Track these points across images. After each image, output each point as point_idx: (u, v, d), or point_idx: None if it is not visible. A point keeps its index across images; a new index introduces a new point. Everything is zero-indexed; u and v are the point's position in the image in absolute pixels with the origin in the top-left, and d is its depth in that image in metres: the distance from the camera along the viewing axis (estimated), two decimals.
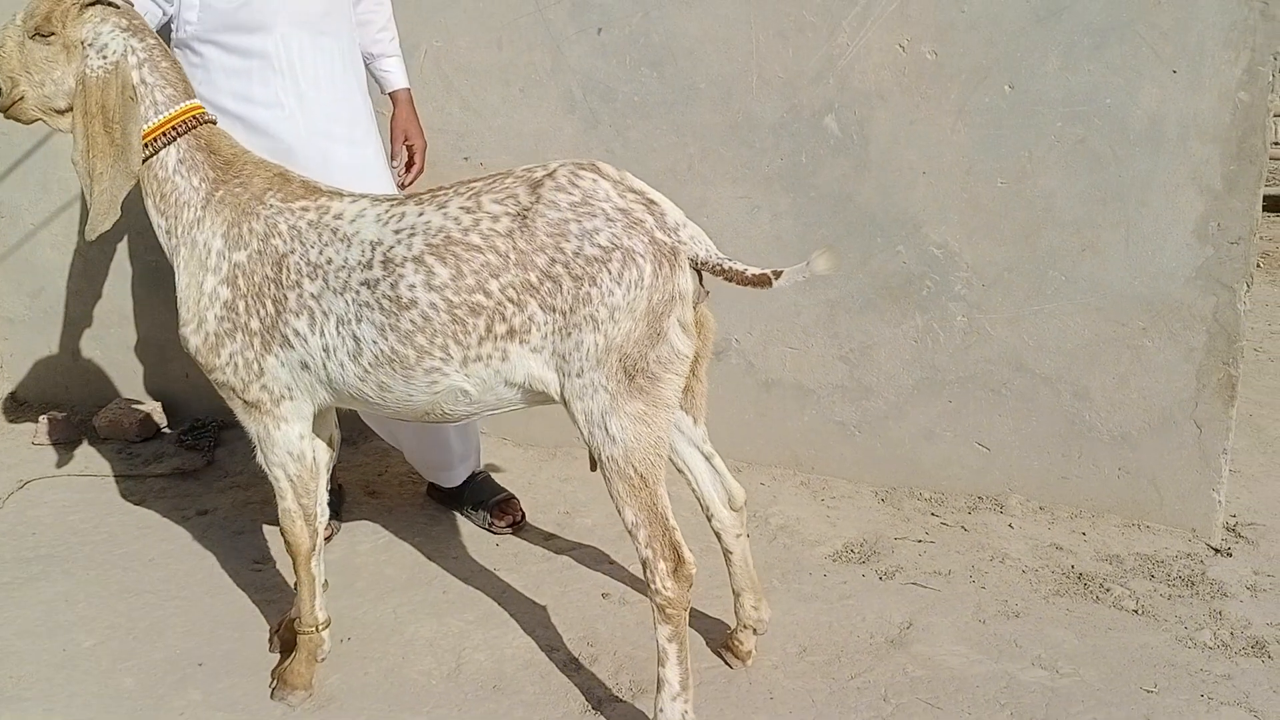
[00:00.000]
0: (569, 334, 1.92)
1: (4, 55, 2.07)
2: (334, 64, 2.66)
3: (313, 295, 2.01)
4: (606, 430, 1.95)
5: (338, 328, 2.00)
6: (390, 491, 3.26)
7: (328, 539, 2.99)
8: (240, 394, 2.13)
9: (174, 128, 2.10)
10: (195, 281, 2.09)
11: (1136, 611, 2.57)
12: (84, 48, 2.05)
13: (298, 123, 2.58)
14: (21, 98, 2.09)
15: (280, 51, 2.54)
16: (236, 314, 2.07)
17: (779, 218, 3.01)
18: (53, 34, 2.04)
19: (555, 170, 1.96)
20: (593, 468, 2.22)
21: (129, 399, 3.85)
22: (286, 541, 2.24)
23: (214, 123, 2.18)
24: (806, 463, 3.23)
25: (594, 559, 2.83)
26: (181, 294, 2.10)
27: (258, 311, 2.06)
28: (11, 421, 3.93)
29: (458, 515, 3.07)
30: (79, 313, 3.88)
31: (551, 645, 2.47)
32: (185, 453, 3.56)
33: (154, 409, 3.76)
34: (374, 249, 1.97)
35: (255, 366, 2.09)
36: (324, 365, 2.05)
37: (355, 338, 1.99)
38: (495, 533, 2.95)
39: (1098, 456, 2.92)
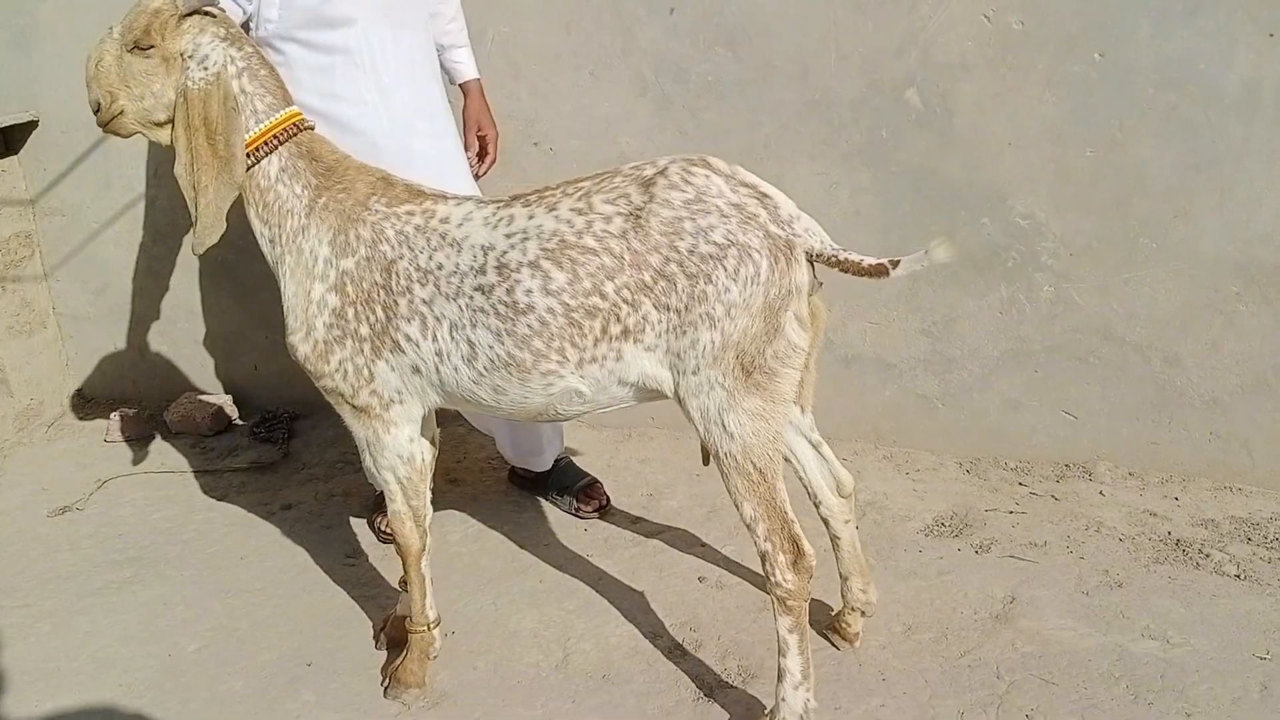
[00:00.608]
0: (684, 332, 1.91)
1: (102, 69, 2.06)
2: (414, 56, 2.64)
3: (424, 301, 2.01)
4: (724, 427, 1.95)
5: (451, 333, 2.00)
6: (472, 479, 3.28)
7: None
8: (349, 400, 2.14)
9: (275, 136, 2.09)
10: (302, 289, 2.09)
11: (1239, 576, 2.57)
12: (184, 59, 2.04)
13: (381, 117, 2.57)
14: (121, 112, 2.08)
15: (362, 46, 2.52)
16: (346, 321, 2.07)
17: (859, 194, 2.98)
18: (152, 47, 2.02)
19: (667, 168, 1.94)
20: (705, 461, 2.22)
21: (199, 392, 3.87)
22: (396, 542, 2.25)
23: (313, 128, 2.16)
24: (889, 436, 3.23)
25: (685, 542, 2.84)
26: (289, 302, 2.10)
27: (367, 318, 2.06)
28: (82, 419, 3.96)
29: (542, 501, 3.08)
30: (145, 309, 3.89)
31: (654, 632, 2.48)
32: (260, 445, 3.58)
33: (225, 402, 3.78)
34: (486, 254, 1.96)
35: (365, 372, 2.09)
36: (437, 369, 2.05)
37: (470, 342, 1.99)
38: (582, 518, 2.97)
39: (1189, 421, 2.90)
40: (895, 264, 1.95)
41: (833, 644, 2.41)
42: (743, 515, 2.02)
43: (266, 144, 2.08)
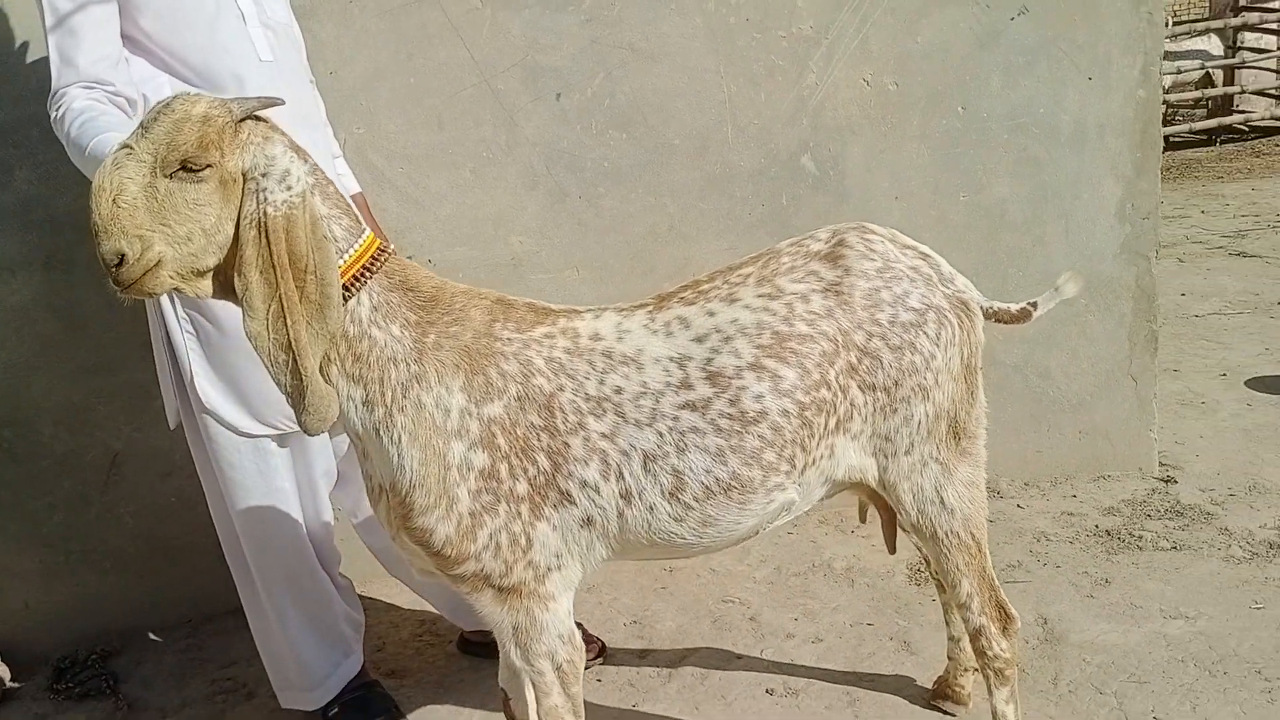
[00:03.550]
0: (894, 410, 1.76)
1: (124, 206, 1.40)
2: (324, 162, 2.16)
3: (603, 435, 1.64)
4: (943, 503, 1.82)
5: (646, 466, 1.65)
6: (415, 664, 2.68)
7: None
8: (497, 580, 1.66)
9: (365, 268, 1.58)
10: (435, 453, 1.59)
11: (1175, 548, 2.89)
12: (255, 179, 1.47)
13: None
14: (158, 262, 1.44)
15: None
16: (499, 481, 1.62)
17: None
18: (208, 166, 1.43)
19: (844, 237, 1.79)
20: (891, 551, 2.06)
21: None
22: None
23: (395, 252, 1.67)
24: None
25: (717, 658, 2.57)
26: (414, 475, 1.59)
27: (525, 471, 1.63)
28: None
29: None
30: None
31: None
32: (75, 704, 2.64)
33: None
34: (683, 365, 1.65)
35: (523, 540, 1.65)
36: (619, 515, 1.67)
37: (675, 472, 1.65)
38: (587, 668, 2.56)
39: (1062, 425, 3.24)
40: (1034, 305, 1.97)
41: (945, 712, 2.32)
42: (959, 595, 1.89)
43: (357, 279, 1.57)
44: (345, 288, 1.55)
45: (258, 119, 1.52)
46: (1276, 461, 3.35)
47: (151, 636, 2.88)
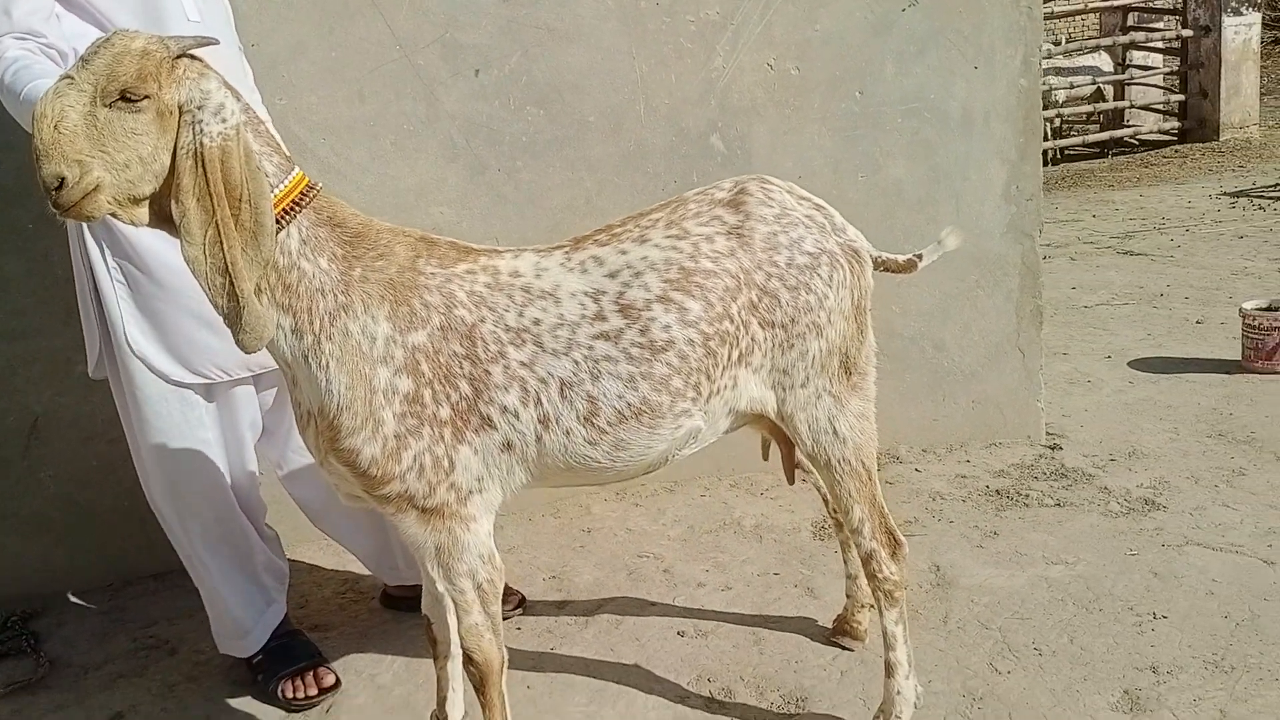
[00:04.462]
0: (791, 346, 1.91)
1: (65, 132, 1.48)
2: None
3: (522, 363, 1.75)
4: (835, 433, 1.98)
5: (563, 392, 1.77)
6: (339, 618, 2.76)
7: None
8: (421, 501, 1.77)
9: (295, 202, 1.68)
10: (361, 378, 1.69)
11: (1058, 504, 3.10)
12: (191, 111, 1.56)
13: None
14: (96, 186, 1.52)
15: None
16: (422, 405, 1.72)
17: None
18: (146, 98, 1.51)
19: (745, 186, 1.94)
20: (791, 480, 2.20)
21: None
22: (473, 661, 1.88)
23: (322, 189, 1.77)
24: (728, 466, 3.35)
25: (633, 606, 2.70)
26: (341, 398, 1.69)
27: (448, 396, 1.74)
28: None
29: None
30: None
31: (680, 696, 2.34)
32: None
33: None
34: (598, 299, 1.78)
35: (446, 462, 1.75)
36: (537, 439, 1.79)
37: (590, 398, 1.77)
38: (505, 618, 2.66)
39: (956, 395, 3.44)
40: (919, 256, 2.15)
41: (844, 647, 2.47)
42: (851, 520, 2.04)
43: (286, 212, 1.67)
44: (276, 220, 1.65)
45: (194, 58, 1.61)
46: (1154, 430, 3.60)
47: (73, 599, 2.90)
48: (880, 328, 3.14)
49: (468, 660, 1.88)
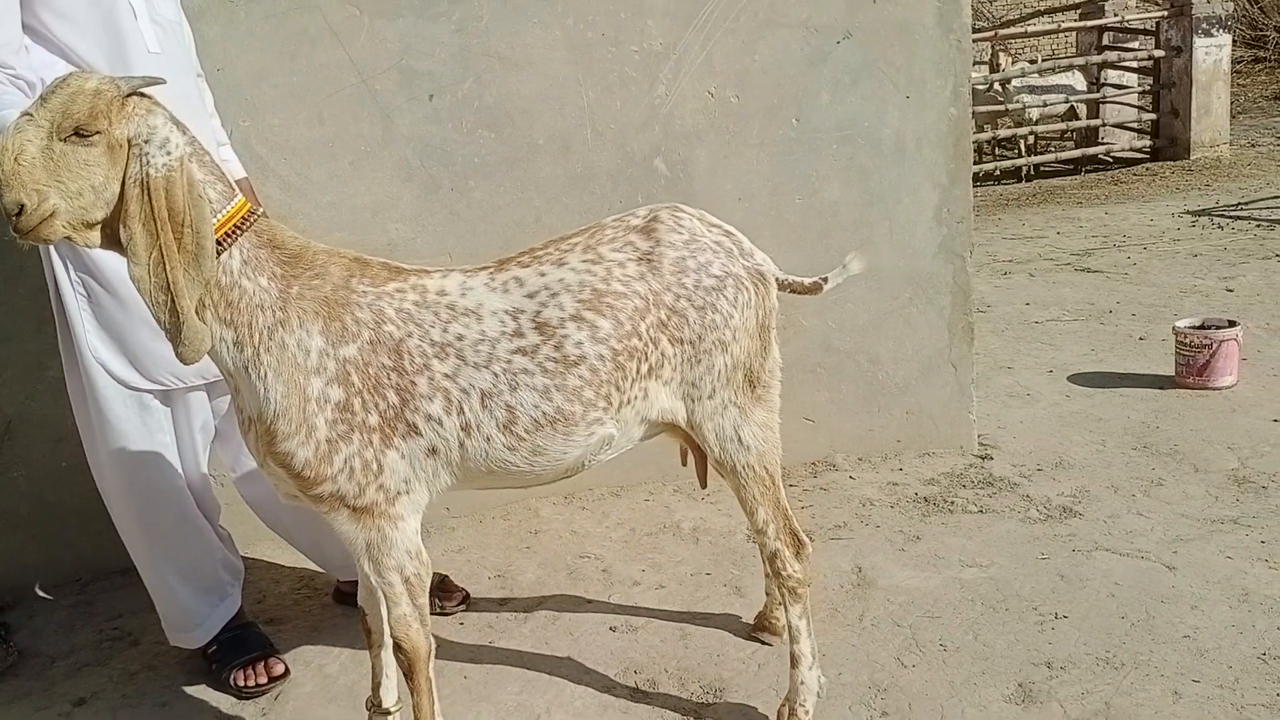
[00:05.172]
0: (698, 361, 2.08)
1: (24, 164, 1.65)
2: (209, 148, 2.41)
3: (446, 375, 1.92)
4: (740, 441, 2.14)
5: (483, 402, 1.94)
6: (293, 613, 2.92)
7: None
8: (352, 500, 1.93)
9: (237, 226, 1.85)
10: (296, 388, 1.86)
11: (981, 511, 3.28)
12: (139, 145, 1.73)
13: None
14: (52, 213, 1.69)
15: None
16: (352, 413, 1.89)
17: None
18: (97, 133, 1.69)
19: (657, 214, 2.11)
20: (703, 484, 2.37)
21: None
22: (402, 649, 2.04)
23: (264, 214, 1.94)
24: (671, 471, 3.52)
25: (570, 603, 2.87)
26: (276, 406, 1.86)
27: (377, 405, 1.90)
28: None
29: None
30: None
31: (607, 686, 2.51)
32: None
33: None
34: (516, 317, 1.95)
35: (374, 465, 1.92)
36: (460, 445, 1.96)
37: (508, 408, 1.95)
38: (450, 614, 2.83)
39: (890, 407, 3.62)
40: (825, 280, 2.32)
41: (764, 642, 2.64)
42: (756, 521, 2.21)
43: (229, 235, 1.84)
44: (218, 242, 1.82)
45: (143, 95, 1.78)
46: (1083, 442, 3.78)
47: (41, 593, 3.06)
48: (817, 342, 3.36)
49: (397, 648, 2.05)
